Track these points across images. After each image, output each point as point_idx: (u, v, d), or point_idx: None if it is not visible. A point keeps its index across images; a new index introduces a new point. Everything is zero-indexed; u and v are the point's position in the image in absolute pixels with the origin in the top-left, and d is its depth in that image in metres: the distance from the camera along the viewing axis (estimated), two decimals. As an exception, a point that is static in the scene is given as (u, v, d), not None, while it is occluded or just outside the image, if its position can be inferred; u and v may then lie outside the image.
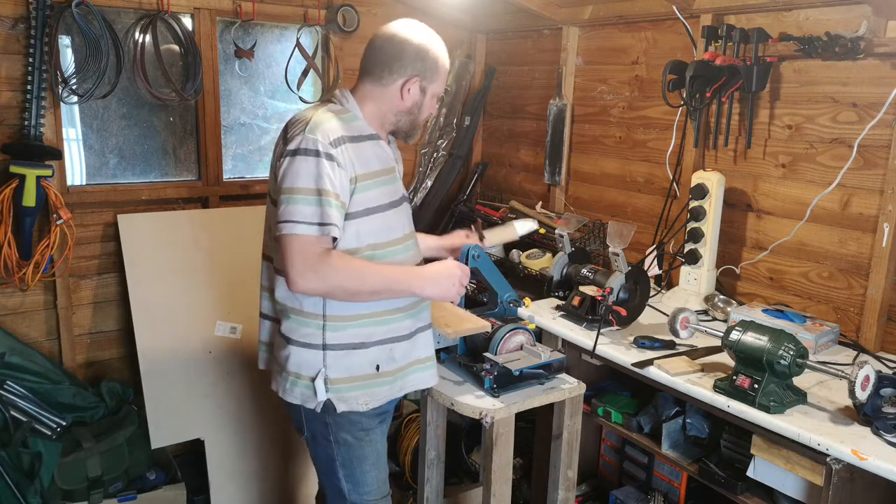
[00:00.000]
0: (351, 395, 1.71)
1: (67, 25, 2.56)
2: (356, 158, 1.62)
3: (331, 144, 1.57)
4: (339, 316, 1.69)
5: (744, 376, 1.78)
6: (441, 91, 1.77)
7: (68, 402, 2.56)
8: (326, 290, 1.60)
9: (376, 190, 1.67)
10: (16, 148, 2.46)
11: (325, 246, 1.58)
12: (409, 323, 1.77)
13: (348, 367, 1.70)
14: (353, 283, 1.60)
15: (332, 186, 1.56)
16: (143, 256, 2.71)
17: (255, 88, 3.10)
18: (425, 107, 1.75)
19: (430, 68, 1.71)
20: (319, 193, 1.56)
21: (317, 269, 1.56)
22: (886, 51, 2.03)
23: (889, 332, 2.13)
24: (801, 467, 1.69)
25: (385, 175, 1.71)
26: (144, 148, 2.88)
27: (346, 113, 1.69)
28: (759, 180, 2.43)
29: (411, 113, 1.74)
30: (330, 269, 1.56)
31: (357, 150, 1.63)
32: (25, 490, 2.27)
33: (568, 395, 1.93)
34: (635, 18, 2.78)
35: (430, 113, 1.79)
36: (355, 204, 1.63)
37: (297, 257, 1.56)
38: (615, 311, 2.15)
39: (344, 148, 1.60)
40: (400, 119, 1.75)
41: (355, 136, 1.65)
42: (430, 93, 1.73)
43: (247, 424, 2.69)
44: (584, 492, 2.60)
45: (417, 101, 1.73)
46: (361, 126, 1.69)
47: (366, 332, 1.71)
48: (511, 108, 3.53)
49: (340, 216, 1.59)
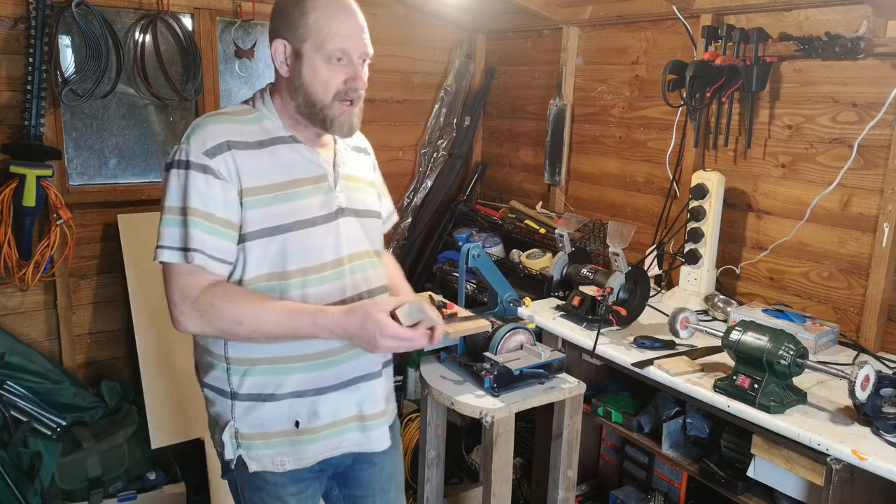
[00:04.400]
0: (264, 453, 1.44)
1: (67, 25, 2.56)
2: (246, 168, 1.35)
3: (206, 154, 1.32)
4: (241, 359, 1.42)
5: (744, 376, 1.78)
6: (332, 47, 1.34)
7: (68, 402, 2.56)
8: (213, 332, 1.35)
9: (279, 206, 1.36)
10: (16, 148, 2.47)
11: (197, 275, 1.32)
12: (341, 370, 1.45)
13: (259, 420, 1.43)
14: (243, 327, 1.31)
15: (201, 203, 1.31)
16: (143, 256, 2.71)
17: (255, 88, 3.08)
18: (308, 73, 1.36)
19: (291, 21, 1.35)
20: (184, 213, 1.32)
21: (198, 307, 1.31)
22: (886, 51, 2.02)
23: (889, 332, 2.13)
24: (801, 467, 1.69)
25: (295, 187, 1.39)
26: (144, 148, 2.88)
27: (250, 114, 1.42)
28: (759, 180, 2.43)
29: (297, 88, 1.38)
30: (212, 308, 1.31)
31: (248, 158, 1.35)
32: (25, 490, 2.27)
33: (568, 394, 1.93)
34: (635, 18, 2.79)
35: (328, 81, 1.36)
36: (248, 223, 1.35)
37: (175, 291, 1.33)
38: (615, 311, 2.15)
39: (226, 156, 1.33)
40: (297, 102, 1.40)
41: (249, 143, 1.37)
42: (307, 53, 1.35)
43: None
44: (584, 492, 2.60)
45: (295, 69, 1.37)
46: (269, 128, 1.41)
47: (273, 382, 1.42)
48: (511, 108, 3.53)
49: (215, 238, 1.32)
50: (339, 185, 1.47)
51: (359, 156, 1.61)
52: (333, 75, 1.36)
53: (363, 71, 1.40)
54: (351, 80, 1.37)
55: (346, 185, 1.49)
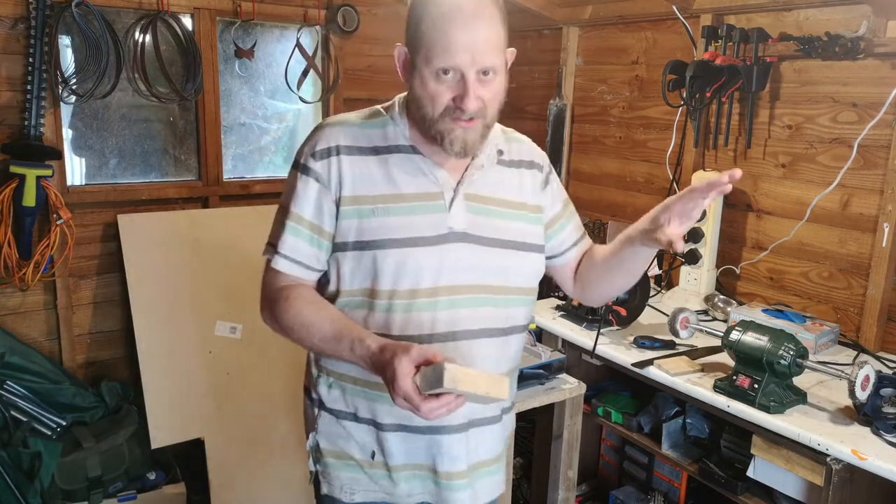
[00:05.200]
0: (337, 475, 1.36)
1: (67, 25, 2.56)
2: (349, 175, 1.26)
3: (313, 156, 1.27)
4: (329, 369, 1.35)
5: (744, 376, 1.78)
6: (438, 63, 1.17)
7: (68, 402, 2.56)
8: (281, 332, 1.31)
9: (377, 220, 1.25)
10: (16, 148, 2.46)
11: (278, 276, 1.29)
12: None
13: (339, 438, 1.35)
14: (294, 333, 1.26)
15: (296, 206, 1.27)
16: (143, 256, 2.71)
17: (255, 88, 3.10)
18: (418, 86, 1.22)
19: (412, 31, 1.22)
20: (285, 213, 1.29)
21: (271, 306, 1.29)
22: (886, 51, 2.03)
23: (889, 332, 2.13)
24: (801, 467, 1.69)
25: (401, 201, 1.26)
26: (144, 148, 2.88)
27: (378, 117, 1.32)
28: (759, 180, 2.43)
29: (412, 99, 1.25)
30: (275, 308, 1.28)
31: (356, 165, 1.26)
32: (25, 490, 2.27)
33: (568, 395, 1.94)
34: (635, 18, 2.79)
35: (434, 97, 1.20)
36: (342, 233, 1.27)
37: (263, 285, 1.33)
38: (615, 311, 2.16)
39: (331, 161, 1.26)
40: (415, 114, 1.26)
41: (364, 148, 1.28)
42: (418, 64, 1.21)
43: (247, 424, 2.69)
44: (584, 492, 2.60)
45: (409, 78, 1.24)
46: (391, 135, 1.29)
47: (355, 402, 1.32)
48: (511, 108, 3.52)
49: (302, 242, 1.27)
50: (456, 205, 1.28)
51: (514, 172, 1.37)
52: (441, 92, 1.19)
53: (479, 87, 1.19)
54: (459, 99, 1.18)
55: (471, 206, 1.29)
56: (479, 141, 1.24)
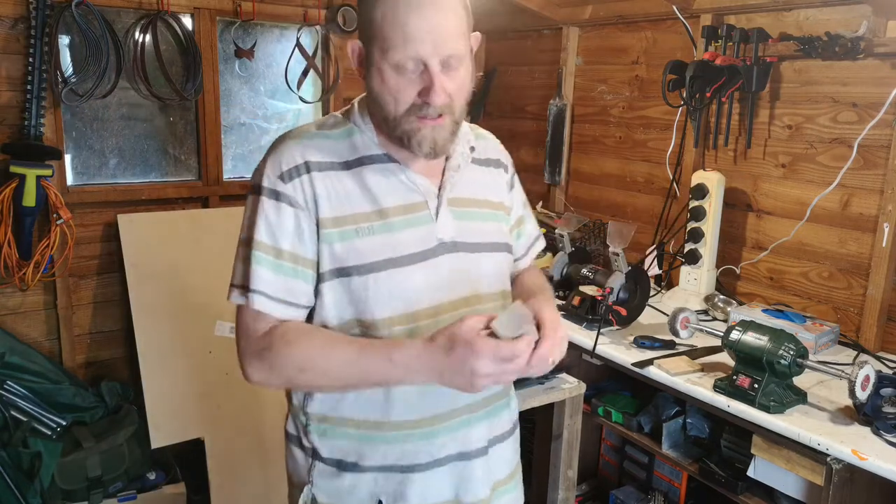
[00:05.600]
0: None
1: (67, 25, 2.56)
2: (325, 194, 1.11)
3: (281, 177, 1.11)
4: (321, 415, 1.18)
5: (744, 376, 1.78)
6: (395, 56, 1.05)
7: (68, 402, 2.56)
8: (282, 382, 1.14)
9: (362, 241, 1.12)
10: (16, 148, 2.46)
11: (259, 320, 1.12)
12: (435, 445, 1.16)
13: (338, 492, 1.18)
14: (307, 375, 1.09)
15: (267, 236, 1.11)
16: (143, 256, 2.71)
17: (255, 88, 3.10)
18: (376, 83, 1.09)
19: (365, 21, 1.09)
20: (249, 245, 1.12)
21: (262, 355, 1.10)
22: (886, 51, 2.03)
23: (889, 332, 2.13)
24: (802, 467, 1.69)
25: (384, 217, 1.13)
26: (144, 148, 2.88)
27: (341, 126, 1.18)
28: (759, 180, 2.43)
29: (372, 99, 1.12)
30: (270, 354, 1.09)
31: (329, 181, 1.12)
32: (25, 490, 2.27)
33: (568, 394, 1.94)
34: (635, 18, 2.79)
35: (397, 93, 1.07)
36: (326, 260, 1.12)
37: (240, 336, 1.14)
38: (615, 310, 2.15)
39: (302, 180, 1.11)
40: (376, 116, 1.14)
41: (334, 163, 1.14)
42: (374, 58, 1.08)
43: (247, 424, 2.69)
44: (584, 491, 2.60)
45: (366, 75, 1.12)
46: (359, 144, 1.16)
47: (357, 449, 1.17)
48: (511, 108, 3.53)
49: (281, 278, 1.11)
50: (442, 214, 1.17)
51: (485, 171, 1.29)
52: (404, 87, 1.07)
53: (445, 79, 1.07)
54: (425, 93, 1.06)
55: (455, 211, 1.19)
56: (449, 139, 1.13)
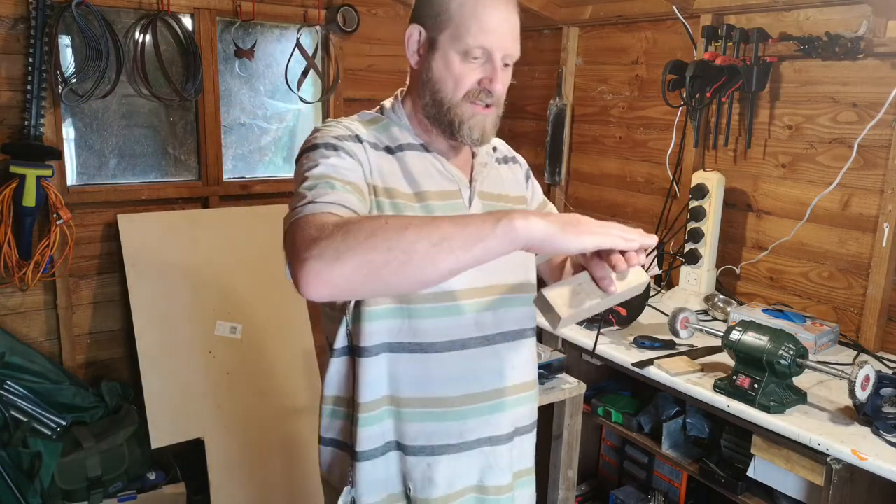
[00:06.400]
0: None
1: (67, 25, 2.56)
2: (377, 166, 1.15)
3: (335, 138, 1.14)
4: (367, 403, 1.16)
5: (744, 376, 1.78)
6: (471, 42, 1.12)
7: (68, 402, 2.56)
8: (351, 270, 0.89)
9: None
10: (16, 148, 2.46)
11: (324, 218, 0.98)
12: (464, 427, 1.18)
13: (375, 486, 1.19)
14: (382, 240, 0.90)
15: (332, 171, 1.07)
16: (143, 256, 2.71)
17: (255, 88, 3.10)
18: (439, 67, 1.15)
19: (433, 6, 1.17)
20: (317, 177, 1.06)
21: (332, 234, 0.92)
22: (886, 51, 2.03)
23: (889, 332, 2.13)
24: (801, 467, 1.69)
25: (423, 200, 1.17)
26: (144, 148, 2.88)
27: (378, 121, 1.23)
28: (759, 180, 2.43)
29: (425, 83, 1.18)
30: (350, 230, 0.91)
31: (378, 158, 1.17)
32: (25, 490, 2.27)
33: (568, 395, 1.94)
34: (635, 18, 2.79)
35: (459, 78, 1.14)
36: None
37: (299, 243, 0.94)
38: (615, 310, 2.15)
39: (359, 146, 1.15)
40: (424, 101, 1.19)
41: (377, 144, 1.18)
42: (442, 44, 1.15)
43: (247, 424, 2.69)
44: (584, 492, 2.60)
45: (426, 60, 1.18)
46: (398, 135, 1.22)
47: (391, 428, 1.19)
48: (511, 108, 3.52)
49: (347, 195, 1.04)
50: (475, 203, 1.23)
51: (506, 167, 1.36)
52: (468, 73, 1.14)
53: (504, 73, 1.17)
54: (487, 81, 1.15)
55: (484, 203, 1.24)
56: (492, 131, 1.21)
